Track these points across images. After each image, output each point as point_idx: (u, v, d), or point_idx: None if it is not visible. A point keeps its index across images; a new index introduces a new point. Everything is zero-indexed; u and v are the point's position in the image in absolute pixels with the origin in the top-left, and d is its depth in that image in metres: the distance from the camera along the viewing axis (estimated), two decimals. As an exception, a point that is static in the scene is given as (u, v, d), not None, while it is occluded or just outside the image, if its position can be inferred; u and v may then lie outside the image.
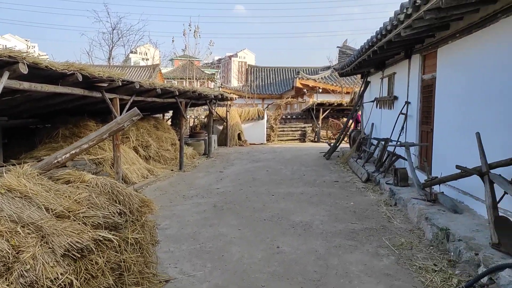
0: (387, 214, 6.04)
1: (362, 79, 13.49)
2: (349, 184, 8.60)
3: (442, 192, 5.79)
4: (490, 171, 4.17)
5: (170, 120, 16.06)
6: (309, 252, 4.49)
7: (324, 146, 15.87)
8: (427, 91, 7.31)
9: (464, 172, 4.56)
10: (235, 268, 4.06)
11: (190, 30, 25.52)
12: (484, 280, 3.41)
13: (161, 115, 16.21)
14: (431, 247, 4.58)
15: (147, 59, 38.63)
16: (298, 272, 3.97)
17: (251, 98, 27.27)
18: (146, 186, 8.33)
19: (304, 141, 19.92)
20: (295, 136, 20.24)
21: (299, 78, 25.05)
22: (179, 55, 32.41)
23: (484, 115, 4.95)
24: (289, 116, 21.59)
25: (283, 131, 20.24)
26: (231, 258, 4.33)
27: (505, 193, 3.86)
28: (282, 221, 5.73)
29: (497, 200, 3.96)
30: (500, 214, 4.03)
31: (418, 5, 4.76)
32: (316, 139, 19.81)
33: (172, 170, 10.17)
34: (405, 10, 5.13)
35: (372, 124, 11.63)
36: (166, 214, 6.12)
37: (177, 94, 9.40)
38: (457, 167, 4.49)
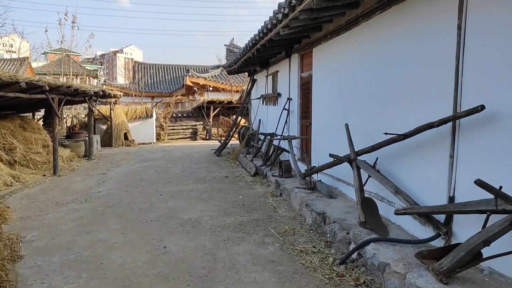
0: (273, 205, 6.31)
1: (249, 77, 13.92)
2: (238, 178, 8.77)
3: (320, 180, 6.28)
4: (357, 158, 4.64)
5: (42, 119, 14.24)
6: (198, 248, 4.40)
7: (215, 143, 15.95)
8: (306, 88, 7.87)
9: (336, 160, 5.00)
10: (115, 275, 3.73)
11: (66, 20, 22.99)
12: (354, 255, 3.78)
13: (31, 114, 14.30)
14: (311, 231, 4.92)
15: (13, 52, 33.62)
16: (185, 270, 3.84)
17: (139, 96, 25.94)
18: (10, 194, 7.20)
19: (195, 139, 19.74)
20: (186, 135, 19.92)
21: (189, 76, 24.70)
22: (54, 49, 28.96)
23: (351, 109, 5.51)
24: (179, 115, 21.16)
25: (174, 129, 19.74)
26: (112, 265, 3.99)
27: (369, 176, 4.34)
28: (170, 220, 5.52)
29: (363, 183, 4.43)
30: (366, 195, 4.52)
31: (293, 5, 5.04)
32: (207, 137, 19.82)
33: (44, 175, 9.00)
34: (282, 10, 5.39)
35: (260, 120, 12.09)
36: (34, 224, 5.36)
37: (48, 89, 8.34)
38: (330, 155, 4.91)
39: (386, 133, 3.88)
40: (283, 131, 8.79)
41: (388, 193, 4.22)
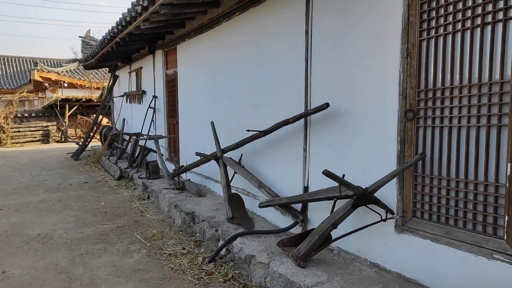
0: (140, 209, 5.96)
1: (111, 73, 12.90)
2: (100, 184, 8.03)
3: (189, 179, 6.20)
4: (223, 155, 4.71)
5: None
6: (48, 268, 3.83)
7: (73, 146, 14.32)
8: (172, 85, 7.66)
9: (203, 158, 4.99)
10: None
11: None
12: (223, 252, 3.82)
13: None
14: (181, 232, 4.80)
15: None
16: (32, 295, 3.30)
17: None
18: None
19: (48, 142, 17.40)
20: (36, 137, 17.38)
21: (38, 70, 21.60)
22: None
23: (217, 108, 5.58)
24: (27, 114, 18.35)
25: (19, 131, 17.01)
26: None
27: (235, 173, 4.46)
28: (13, 239, 4.69)
29: (230, 180, 4.52)
30: (233, 191, 4.63)
31: (153, -2, 4.81)
32: (63, 139, 17.70)
33: None
34: (141, 2, 5.10)
35: (124, 119, 11.33)
36: None
37: None
38: (197, 154, 4.87)
39: (248, 130, 4.03)
40: (149, 131, 8.41)
41: (253, 187, 4.40)
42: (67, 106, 17.87)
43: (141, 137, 7.94)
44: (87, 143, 12.28)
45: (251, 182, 4.16)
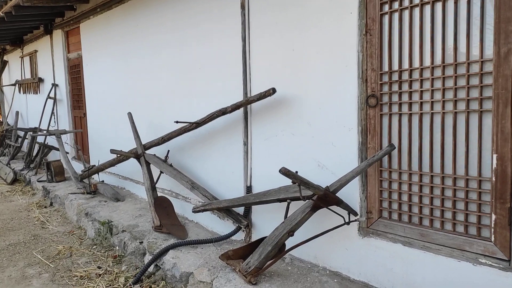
0: (41, 219, 4.91)
1: (-3, 58, 10.88)
2: (-13, 190, 6.59)
3: (103, 181, 5.30)
4: (146, 152, 3.99)
5: None
6: None
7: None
8: (75, 71, 6.54)
9: (121, 156, 4.20)
10: None
11: None
12: (151, 269, 3.17)
13: None
14: (95, 247, 3.99)
15: None
16: None
17: None
18: None
19: None
20: None
21: None
22: None
23: (135, 98, 4.77)
24: None
25: None
26: None
27: (161, 172, 3.79)
28: None
29: (155, 181, 3.84)
30: (159, 194, 3.96)
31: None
32: None
33: None
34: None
35: (17, 112, 9.63)
36: None
37: None
38: (112, 151, 4.07)
39: (177, 122, 3.39)
40: (49, 125, 7.13)
41: (184, 188, 3.79)
42: None
43: (39, 133, 6.67)
44: (-32, 141, 10.21)
45: (182, 183, 3.54)
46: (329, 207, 2.36)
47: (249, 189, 3.16)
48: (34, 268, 3.53)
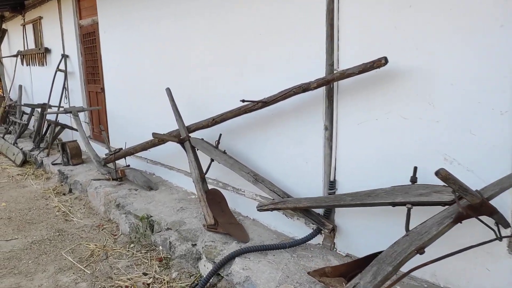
0: (62, 209, 4.35)
1: (-5, 27, 10.03)
2: (-4, 173, 6.00)
3: (129, 165, 4.69)
4: (190, 135, 3.37)
5: None
6: None
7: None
8: (89, 40, 5.81)
9: (160, 140, 3.58)
10: None
11: None
12: (213, 279, 2.63)
13: None
14: (132, 245, 3.44)
15: None
16: None
17: None
18: None
19: None
20: None
21: None
22: None
23: (165, 68, 4.10)
24: None
25: None
26: None
27: (212, 160, 3.18)
28: None
29: (205, 170, 3.23)
30: (210, 187, 3.36)
31: None
32: None
33: None
34: None
35: (20, 86, 8.90)
36: None
37: None
38: (154, 135, 3.42)
39: (244, 100, 2.74)
40: (61, 101, 6.46)
41: (235, 178, 3.21)
42: None
43: (51, 111, 6.01)
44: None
45: (241, 175, 2.94)
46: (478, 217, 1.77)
47: (332, 184, 2.56)
48: (68, 274, 2.98)
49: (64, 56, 6.41)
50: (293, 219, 2.88)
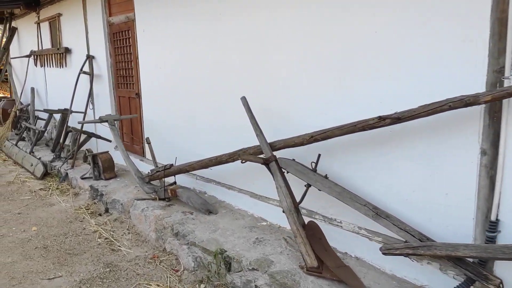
0: (104, 235, 3.76)
1: (4, 25, 9.39)
2: (16, 187, 5.38)
3: (175, 183, 4.10)
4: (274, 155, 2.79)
5: None
6: None
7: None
8: (121, 39, 5.21)
9: (244, 161, 2.98)
10: None
11: None
12: None
13: None
14: (203, 286, 2.86)
15: None
16: None
17: None
18: None
19: None
20: None
21: None
22: None
23: (229, 71, 3.53)
24: None
25: None
26: None
27: (309, 185, 2.61)
28: None
29: (301, 198, 2.66)
30: (272, 205, 2.80)
31: None
32: None
33: None
34: None
35: (33, 89, 8.27)
36: None
37: None
38: (241, 156, 2.83)
39: (381, 117, 2.17)
40: (87, 107, 5.86)
41: (323, 204, 2.66)
42: None
43: (87, 120, 5.38)
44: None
45: (355, 207, 2.37)
46: None
47: (493, 225, 2.00)
48: (137, 330, 2.39)
49: (90, 57, 5.80)
50: (421, 263, 2.32)
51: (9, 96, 10.34)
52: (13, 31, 8.97)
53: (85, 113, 5.74)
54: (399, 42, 2.29)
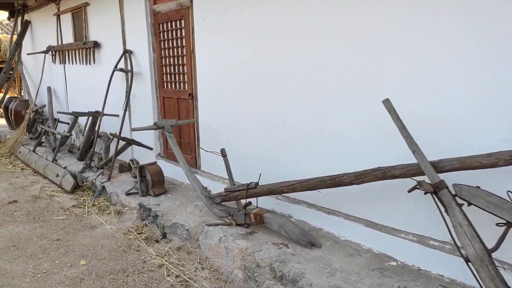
0: (172, 270, 3.01)
1: (15, 18, 8.59)
2: (44, 203, 4.59)
3: (250, 203, 3.34)
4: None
5: None
6: None
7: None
8: (170, 31, 4.45)
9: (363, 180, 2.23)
10: None
11: None
12: None
13: None
14: None
15: None
16: None
17: None
18: None
19: None
20: None
21: None
22: None
23: (335, 69, 2.79)
24: None
25: None
26: None
27: (510, 225, 1.86)
28: None
29: (497, 245, 1.92)
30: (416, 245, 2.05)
31: None
32: None
33: None
34: None
35: (49, 88, 7.49)
36: None
37: None
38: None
39: None
40: (125, 109, 5.09)
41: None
42: None
43: (142, 127, 4.57)
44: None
45: None
46: None
47: None
48: None
49: (128, 52, 5.03)
50: None
51: (18, 96, 9.53)
52: (26, 24, 8.16)
53: (123, 116, 4.97)
54: None
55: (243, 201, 3.28)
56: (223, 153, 3.22)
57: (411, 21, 2.36)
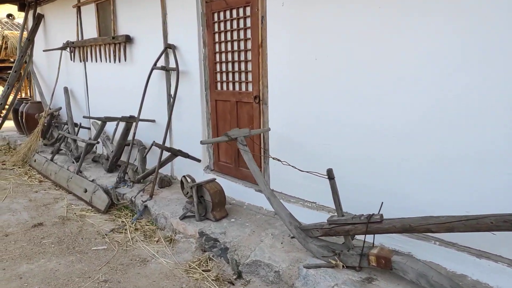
0: (268, 332, 2.26)
1: (26, 12, 7.82)
2: (75, 226, 3.83)
3: (391, 249, 2.60)
4: None
5: None
6: None
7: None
8: (229, 21, 3.71)
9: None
10: None
11: None
12: None
13: None
14: None
15: None
16: None
17: None
18: None
19: None
20: None
21: None
22: None
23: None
24: None
25: None
26: None
27: None
28: None
29: None
30: None
31: None
32: None
33: None
34: None
35: (66, 89, 6.73)
36: None
37: None
38: None
39: None
40: (171, 115, 4.33)
41: None
42: None
43: (223, 137, 3.81)
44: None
45: None
46: None
47: None
48: None
49: (171, 47, 4.28)
50: None
51: (32, 98, 8.75)
52: (38, 19, 7.39)
53: (168, 123, 4.22)
54: None
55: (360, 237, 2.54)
56: (330, 174, 2.47)
57: None
